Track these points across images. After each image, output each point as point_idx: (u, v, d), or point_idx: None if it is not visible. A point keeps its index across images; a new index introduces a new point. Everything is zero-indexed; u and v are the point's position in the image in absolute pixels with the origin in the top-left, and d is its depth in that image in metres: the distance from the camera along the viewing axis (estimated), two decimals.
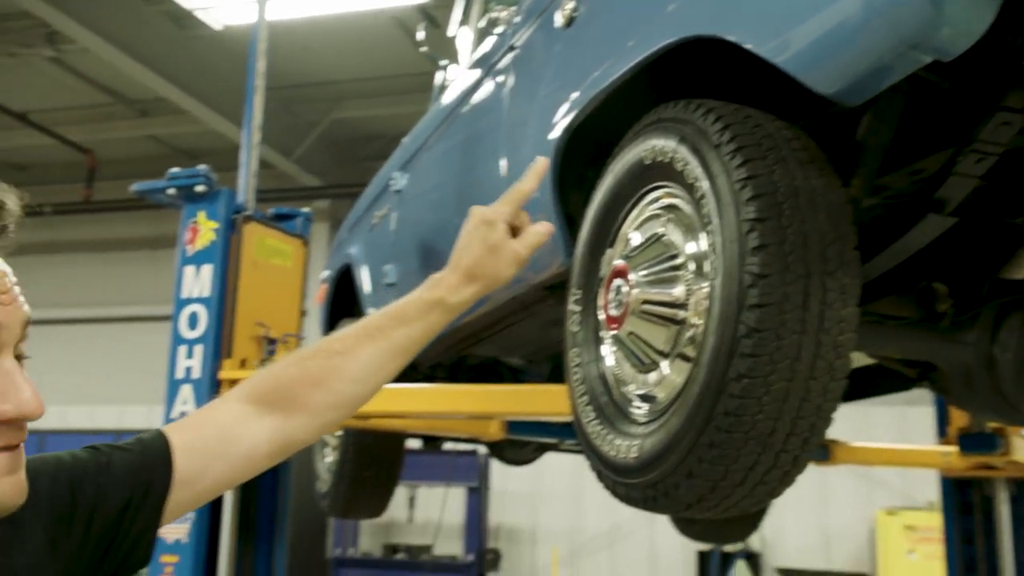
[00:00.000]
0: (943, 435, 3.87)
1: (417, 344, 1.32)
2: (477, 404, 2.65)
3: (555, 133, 2.04)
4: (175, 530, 3.07)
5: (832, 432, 3.73)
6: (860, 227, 1.56)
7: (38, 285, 10.87)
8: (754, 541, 7.39)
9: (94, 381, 10.63)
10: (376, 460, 3.60)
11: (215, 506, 3.15)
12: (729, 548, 7.43)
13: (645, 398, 1.71)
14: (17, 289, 0.90)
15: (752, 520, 3.93)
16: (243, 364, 3.21)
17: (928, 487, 7.10)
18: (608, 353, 1.83)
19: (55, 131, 9.60)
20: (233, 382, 3.14)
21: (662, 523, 7.78)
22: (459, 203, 2.71)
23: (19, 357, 0.88)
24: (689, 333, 1.58)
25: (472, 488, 7.56)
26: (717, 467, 1.47)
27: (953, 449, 3.69)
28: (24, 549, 0.99)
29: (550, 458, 5.76)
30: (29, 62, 8.60)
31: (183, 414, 3.17)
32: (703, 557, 7.56)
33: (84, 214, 10.41)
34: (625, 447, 1.66)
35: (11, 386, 0.86)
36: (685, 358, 1.59)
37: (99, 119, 9.63)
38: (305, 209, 3.66)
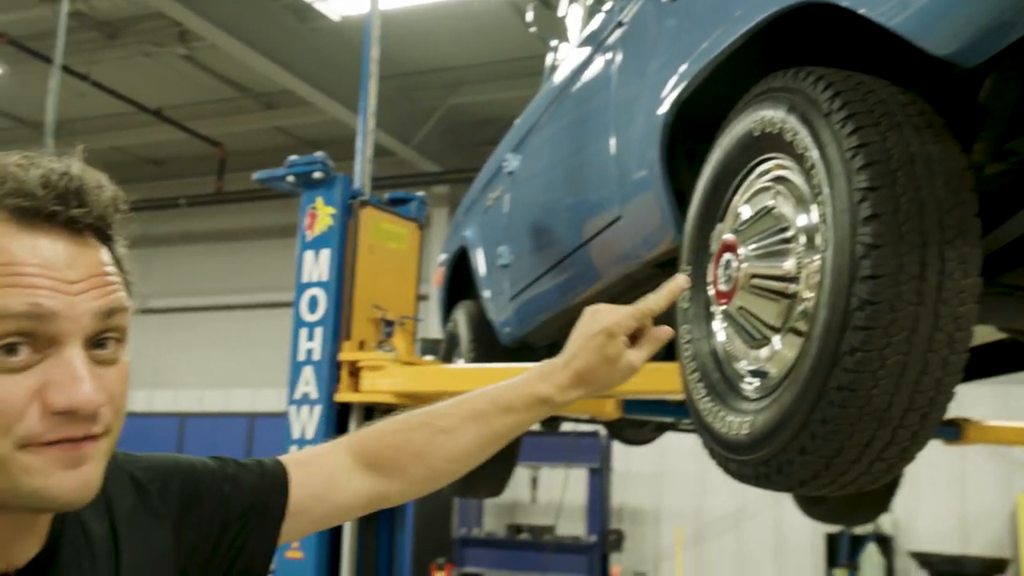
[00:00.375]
0: None
1: (513, 434, 1.32)
2: None
3: (663, 108, 2.02)
4: None
5: (970, 411, 3.59)
6: (986, 194, 1.50)
7: (176, 275, 11.39)
8: (886, 524, 7.17)
9: (229, 366, 11.08)
10: None
11: None
12: (859, 531, 7.22)
13: (757, 374, 1.68)
14: (109, 278, 0.87)
15: (881, 501, 3.81)
16: (361, 346, 3.28)
17: None
18: (719, 329, 1.81)
19: (187, 126, 10.01)
20: (352, 363, 3.23)
21: (789, 505, 7.61)
22: (569, 183, 2.71)
23: (101, 345, 0.86)
24: (801, 307, 1.55)
25: (594, 469, 7.57)
26: (831, 443, 1.43)
27: None
28: (158, 535, 1.05)
29: (673, 438, 5.72)
30: (162, 60, 8.99)
31: (306, 395, 3.27)
32: (832, 540, 7.38)
33: (216, 205, 10.83)
34: (737, 423, 1.64)
35: (69, 378, 0.82)
36: (797, 332, 1.55)
37: (228, 113, 10.00)
38: (419, 193, 3.72)
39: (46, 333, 0.82)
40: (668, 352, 2.99)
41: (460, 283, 4.10)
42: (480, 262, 3.57)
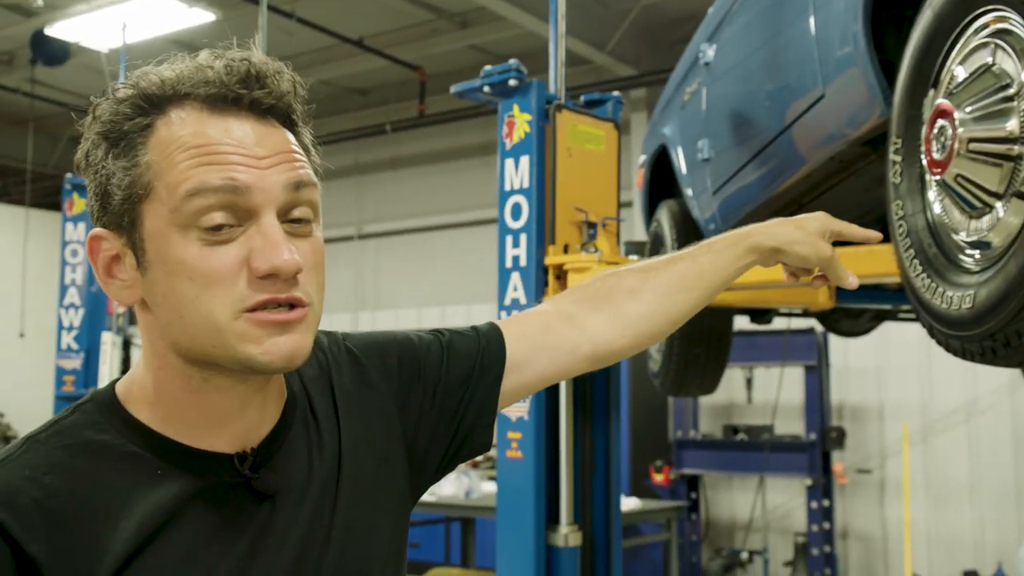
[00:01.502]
0: None
1: (722, 273, 1.33)
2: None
3: None
4: (518, 408, 3.29)
5: None
6: None
7: (386, 199, 11.86)
8: None
9: (442, 284, 11.49)
10: (705, 336, 3.63)
11: (552, 387, 3.34)
12: None
13: (977, 245, 1.59)
14: (295, 155, 0.94)
15: None
16: (566, 249, 3.33)
17: None
18: (934, 201, 1.72)
19: (388, 53, 10.29)
20: (558, 267, 3.27)
21: None
22: (768, 67, 2.62)
23: (295, 220, 0.93)
24: None
25: (810, 367, 7.39)
26: None
27: None
28: (380, 409, 1.13)
29: (894, 330, 5.49)
30: None
31: (515, 300, 3.36)
32: None
33: (420, 128, 11.14)
34: (958, 298, 1.57)
35: (268, 244, 0.89)
36: (1023, 197, 1.46)
37: (425, 36, 10.19)
38: (615, 93, 3.68)
39: (244, 205, 0.90)
40: (888, 240, 2.88)
41: (661, 183, 4.06)
42: (680, 159, 3.52)
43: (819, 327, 7.32)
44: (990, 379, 7.37)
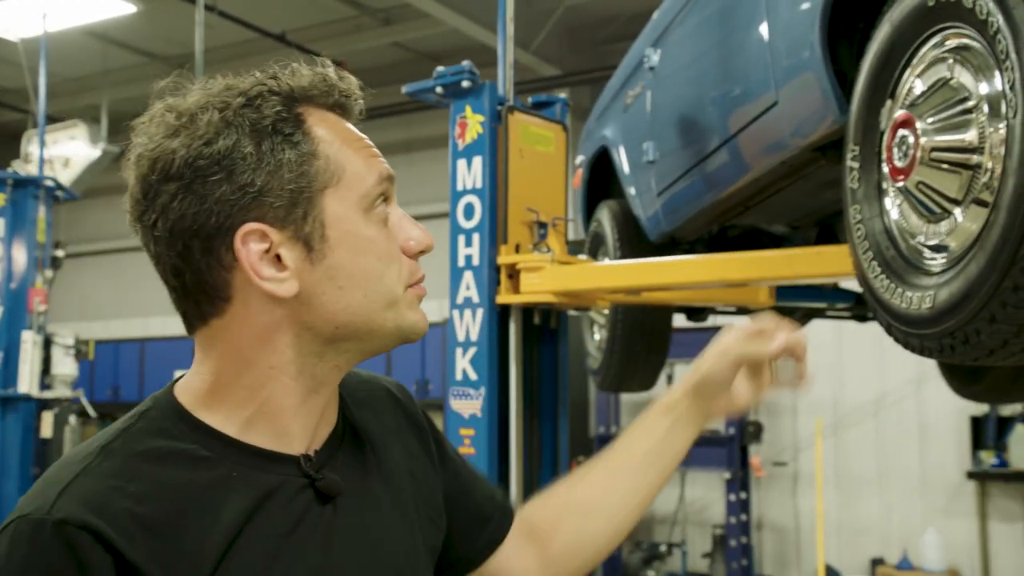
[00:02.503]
0: None
1: (659, 456, 1.38)
2: (751, 271, 2.66)
3: None
4: (471, 406, 3.34)
5: None
6: None
7: None
8: None
9: None
10: (647, 333, 3.72)
11: (503, 383, 3.39)
12: (1007, 412, 7.09)
13: (936, 248, 1.69)
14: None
15: None
16: (517, 248, 3.38)
17: None
18: (893, 206, 1.81)
19: (310, 48, 10.19)
20: (510, 266, 3.32)
21: (931, 390, 7.48)
22: (718, 72, 2.70)
23: None
24: (984, 177, 1.54)
25: None
26: (1022, 310, 1.45)
27: None
28: (412, 443, 1.17)
29: (809, 329, 5.67)
30: None
31: (468, 299, 3.40)
32: (977, 423, 7.26)
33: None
34: (917, 298, 1.66)
35: (413, 227, 1.02)
36: (981, 203, 1.55)
37: (348, 32, 10.12)
38: (562, 95, 3.75)
39: (389, 193, 1.02)
40: (824, 238, 2.96)
41: (600, 184, 4.13)
42: (623, 160, 3.59)
43: (741, 323, 7.51)
44: (897, 375, 7.70)
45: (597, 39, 9.64)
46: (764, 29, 2.30)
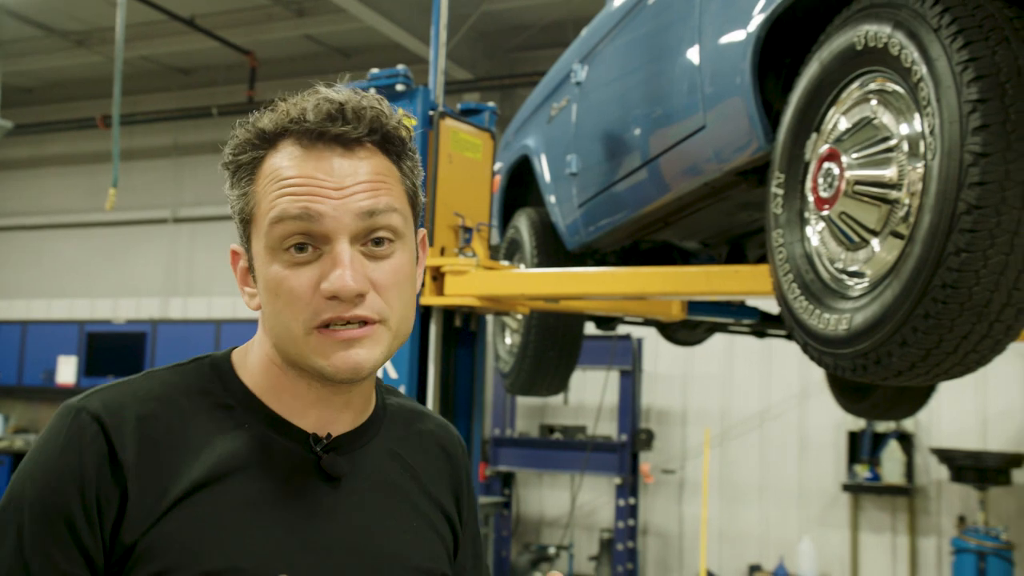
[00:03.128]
0: None
1: None
2: (672, 285, 2.77)
3: (757, 20, 2.09)
4: None
5: None
6: None
7: (205, 182, 11.48)
8: (907, 423, 7.39)
9: None
10: (559, 339, 3.82)
11: (421, 380, 3.43)
12: (881, 428, 7.45)
13: (853, 274, 1.81)
14: (377, 183, 1.02)
15: (921, 397, 3.99)
16: (442, 252, 3.42)
17: None
18: (813, 233, 1.93)
19: (219, 34, 9.99)
20: (436, 269, 3.35)
21: (813, 405, 7.83)
22: (646, 93, 2.79)
23: (377, 242, 1.02)
24: (901, 212, 1.67)
25: (625, 371, 7.78)
26: (931, 336, 1.58)
27: None
28: (443, 491, 1.20)
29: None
30: None
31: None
32: (854, 438, 7.61)
33: (247, 113, 10.84)
34: (834, 320, 1.78)
35: (334, 268, 0.99)
36: (898, 235, 1.68)
37: (259, 21, 9.97)
38: (491, 104, 3.82)
39: (319, 232, 1.00)
40: (734, 257, 3.07)
41: (517, 191, 4.21)
42: (545, 170, 3.67)
43: (636, 334, 7.75)
44: (782, 389, 8.02)
45: (510, 46, 9.74)
46: (696, 55, 2.40)
